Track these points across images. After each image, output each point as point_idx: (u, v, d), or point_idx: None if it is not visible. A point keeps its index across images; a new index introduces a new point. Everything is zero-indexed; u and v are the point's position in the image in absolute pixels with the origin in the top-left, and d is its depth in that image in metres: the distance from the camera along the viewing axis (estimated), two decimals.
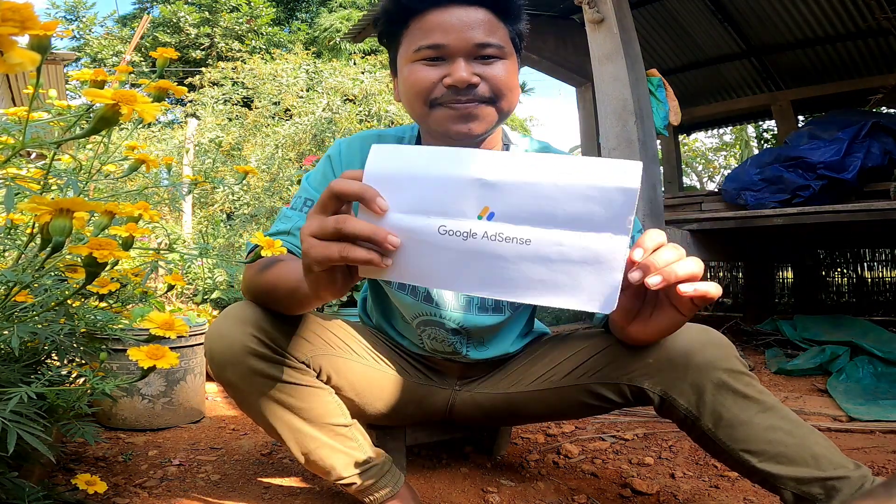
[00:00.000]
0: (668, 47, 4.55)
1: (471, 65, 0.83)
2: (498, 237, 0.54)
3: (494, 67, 0.85)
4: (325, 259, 0.57)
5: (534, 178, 0.54)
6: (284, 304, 0.84)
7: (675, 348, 0.87)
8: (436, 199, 0.55)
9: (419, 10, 0.84)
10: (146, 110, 0.55)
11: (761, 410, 0.83)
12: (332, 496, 1.17)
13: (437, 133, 0.89)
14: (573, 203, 0.53)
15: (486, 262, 0.55)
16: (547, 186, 0.54)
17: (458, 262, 0.55)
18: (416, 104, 0.87)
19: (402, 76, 0.89)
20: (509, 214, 0.54)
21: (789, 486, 0.80)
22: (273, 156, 6.12)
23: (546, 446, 1.48)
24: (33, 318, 0.73)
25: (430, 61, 0.84)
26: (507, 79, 0.86)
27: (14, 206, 0.74)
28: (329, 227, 0.57)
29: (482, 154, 0.56)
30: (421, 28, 0.84)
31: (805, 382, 2.24)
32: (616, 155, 2.42)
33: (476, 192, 0.55)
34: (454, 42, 0.82)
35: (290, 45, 11.16)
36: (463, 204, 0.55)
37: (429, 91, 0.85)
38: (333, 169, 1.01)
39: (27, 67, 0.39)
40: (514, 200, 0.54)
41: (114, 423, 1.63)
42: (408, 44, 0.86)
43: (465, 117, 0.85)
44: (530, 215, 0.54)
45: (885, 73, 4.02)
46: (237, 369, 0.88)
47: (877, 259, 4.74)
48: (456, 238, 0.55)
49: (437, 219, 0.55)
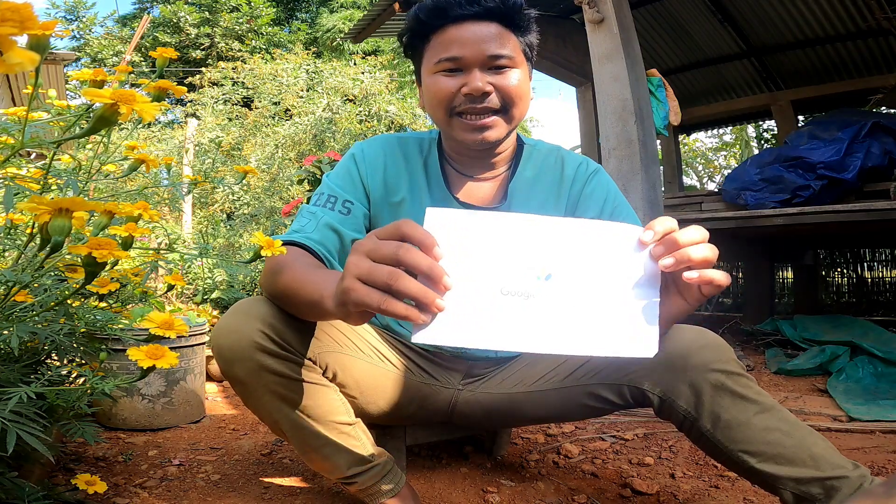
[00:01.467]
0: (668, 47, 4.55)
1: (485, 74, 0.92)
2: (557, 296, 0.58)
3: (507, 76, 0.93)
4: (363, 304, 0.57)
5: (584, 241, 0.59)
6: (302, 312, 0.84)
7: (673, 350, 0.88)
8: (495, 263, 0.58)
9: (438, 26, 0.93)
10: (145, 110, 0.55)
11: (759, 411, 0.83)
12: (332, 496, 1.17)
13: (456, 140, 0.97)
14: (614, 264, 0.60)
15: (543, 320, 0.59)
16: (593, 249, 0.59)
17: (515, 323, 0.58)
18: (439, 112, 0.96)
19: (425, 86, 0.97)
20: (567, 274, 0.59)
21: (788, 487, 0.80)
22: (273, 156, 6.12)
23: (546, 446, 1.48)
24: (33, 318, 0.73)
25: (450, 72, 0.93)
26: (518, 87, 0.94)
27: (14, 206, 0.74)
28: (380, 278, 0.55)
29: (539, 221, 0.59)
30: (441, 42, 0.93)
31: (805, 382, 2.24)
32: (616, 154, 2.41)
33: (535, 256, 0.58)
34: (470, 54, 0.91)
35: (290, 45, 11.15)
36: (523, 267, 0.58)
37: (449, 100, 0.93)
38: (357, 166, 1.03)
39: (26, 67, 0.39)
40: (570, 261, 0.59)
41: (114, 423, 1.63)
42: (429, 57, 0.95)
43: (479, 129, 0.94)
44: (583, 274, 0.59)
45: (885, 73, 4.02)
46: (245, 365, 0.88)
47: (877, 259, 4.75)
48: (516, 298, 0.58)
49: (496, 281, 0.58)
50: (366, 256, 0.57)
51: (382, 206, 1.02)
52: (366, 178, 1.02)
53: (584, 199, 1.04)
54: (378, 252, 0.57)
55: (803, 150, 3.15)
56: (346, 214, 0.98)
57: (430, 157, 1.05)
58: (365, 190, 1.02)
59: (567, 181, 1.05)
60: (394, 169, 1.03)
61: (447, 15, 0.91)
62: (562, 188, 1.05)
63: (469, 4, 0.90)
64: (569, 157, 1.08)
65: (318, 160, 2.51)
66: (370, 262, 0.57)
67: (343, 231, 0.95)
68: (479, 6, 0.90)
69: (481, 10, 0.90)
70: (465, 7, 0.90)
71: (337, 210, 0.97)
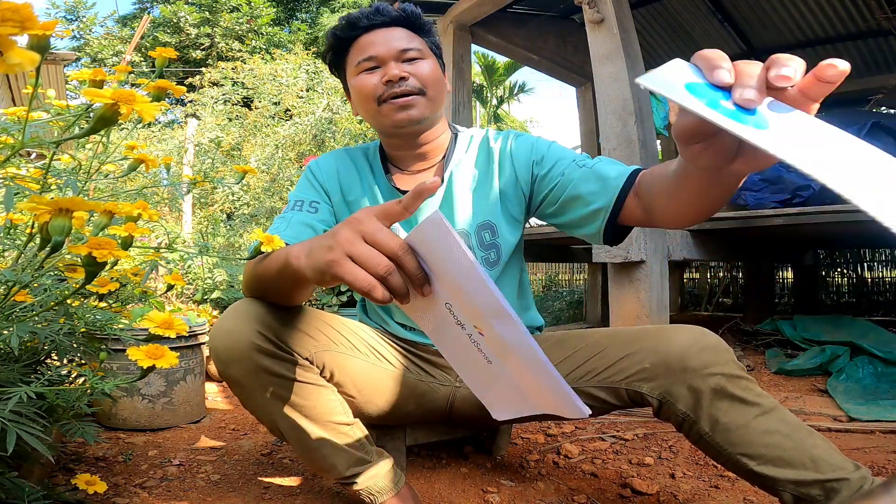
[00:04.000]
0: (668, 47, 4.55)
1: (400, 65, 1.03)
2: (482, 349, 0.59)
3: (419, 65, 1.03)
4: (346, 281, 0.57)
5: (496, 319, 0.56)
6: (274, 284, 0.83)
7: (671, 353, 0.88)
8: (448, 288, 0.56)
9: (354, 37, 1.06)
10: (145, 110, 0.55)
11: (759, 414, 0.83)
12: (332, 496, 1.17)
13: (388, 126, 1.05)
14: None
15: (476, 362, 0.61)
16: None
17: (455, 345, 0.61)
18: (368, 105, 1.04)
19: (352, 89, 1.07)
20: (494, 344, 0.58)
21: (788, 489, 0.81)
22: (273, 156, 6.12)
23: (546, 446, 1.48)
24: (33, 318, 0.73)
25: (370, 71, 1.04)
26: (431, 73, 1.04)
27: (13, 206, 0.74)
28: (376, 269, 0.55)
29: (485, 286, 0.54)
30: (358, 48, 1.05)
31: (805, 382, 2.24)
32: (616, 155, 2.41)
33: (474, 311, 0.56)
34: (383, 51, 1.03)
35: (290, 45, 11.15)
36: (465, 309, 0.57)
37: (374, 91, 1.03)
38: (315, 175, 1.13)
39: (26, 67, 0.39)
40: (499, 335, 0.57)
41: (114, 423, 1.63)
42: (350, 63, 1.07)
43: (403, 107, 1.02)
44: (508, 349, 0.58)
45: (885, 73, 4.02)
46: (242, 366, 0.89)
47: (877, 259, 4.74)
48: (456, 327, 0.59)
49: (444, 297, 0.57)
50: (361, 238, 0.57)
51: (341, 205, 1.12)
52: (324, 184, 1.12)
53: (512, 158, 1.09)
54: (377, 240, 0.56)
55: None
56: (315, 212, 1.07)
57: (374, 160, 1.15)
58: (326, 193, 1.12)
59: (494, 152, 1.11)
60: (346, 173, 1.14)
61: (359, 26, 1.05)
62: (491, 160, 1.11)
63: (375, 16, 1.04)
64: (495, 133, 1.15)
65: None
66: (366, 246, 0.57)
67: (315, 224, 1.03)
68: (385, 16, 1.04)
69: (387, 19, 1.04)
70: (372, 18, 1.04)
71: (305, 210, 1.06)
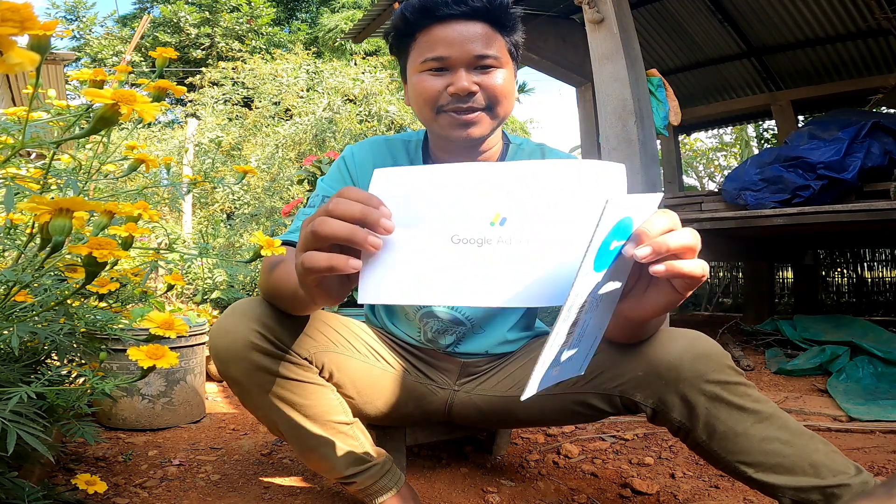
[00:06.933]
0: (668, 47, 4.55)
1: (471, 74, 0.91)
2: (511, 240, 0.54)
3: (492, 76, 0.93)
4: (306, 268, 0.56)
5: (538, 182, 0.54)
6: (288, 306, 0.87)
7: (664, 361, 0.85)
8: (446, 212, 0.55)
9: (425, 25, 0.92)
10: (145, 110, 0.55)
11: (757, 421, 0.82)
12: (332, 496, 1.16)
13: (442, 137, 0.97)
14: (573, 206, 0.53)
15: (497, 268, 0.54)
16: (550, 189, 0.54)
17: (468, 273, 0.55)
18: (425, 110, 0.95)
19: (411, 84, 0.97)
20: (523, 217, 0.54)
21: (788, 495, 0.80)
22: (273, 156, 6.12)
23: (546, 446, 1.48)
24: (33, 318, 0.73)
25: (436, 71, 0.92)
26: (503, 87, 0.94)
27: (14, 206, 0.74)
28: (310, 235, 0.55)
29: (490, 166, 0.56)
30: (427, 41, 0.92)
31: (805, 382, 2.24)
32: (616, 155, 2.41)
33: (487, 200, 0.54)
34: (456, 54, 0.90)
35: (290, 45, 11.15)
36: (475, 212, 0.55)
37: (435, 99, 0.93)
38: (348, 167, 1.06)
39: (26, 67, 0.39)
40: (525, 204, 0.54)
41: (114, 423, 1.63)
42: (415, 55, 0.95)
43: (464, 125, 0.93)
44: (540, 218, 0.54)
45: (885, 73, 4.02)
46: (240, 365, 0.89)
47: (877, 259, 4.75)
48: (470, 246, 0.55)
49: (448, 230, 0.55)
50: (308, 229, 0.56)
51: None
52: (356, 178, 1.05)
53: None
54: (314, 219, 0.56)
55: (803, 150, 3.15)
56: None
57: (416, 156, 1.06)
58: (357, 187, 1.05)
59: None
60: (382, 167, 1.05)
61: (433, 14, 0.90)
62: None
63: (456, 4, 0.89)
64: (550, 152, 1.10)
65: (318, 160, 2.51)
66: (310, 230, 0.56)
67: None
68: (466, 6, 0.89)
69: (468, 10, 0.90)
70: (451, 7, 0.89)
71: None
